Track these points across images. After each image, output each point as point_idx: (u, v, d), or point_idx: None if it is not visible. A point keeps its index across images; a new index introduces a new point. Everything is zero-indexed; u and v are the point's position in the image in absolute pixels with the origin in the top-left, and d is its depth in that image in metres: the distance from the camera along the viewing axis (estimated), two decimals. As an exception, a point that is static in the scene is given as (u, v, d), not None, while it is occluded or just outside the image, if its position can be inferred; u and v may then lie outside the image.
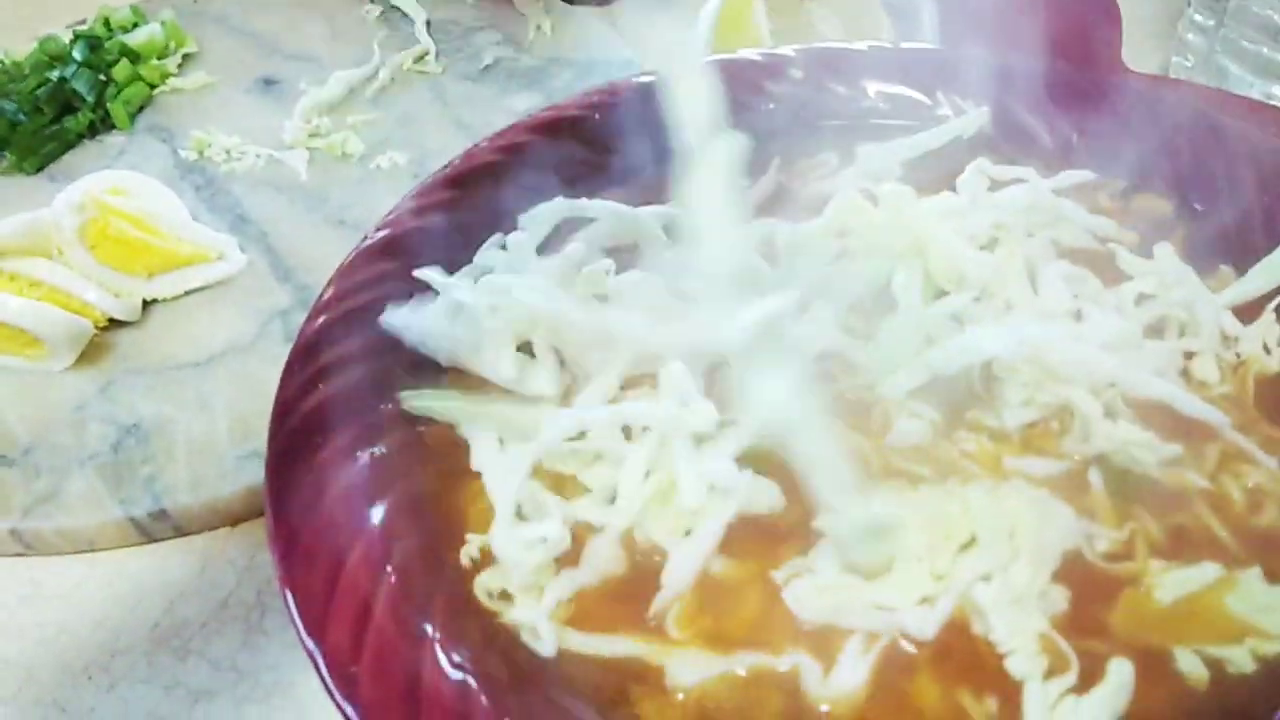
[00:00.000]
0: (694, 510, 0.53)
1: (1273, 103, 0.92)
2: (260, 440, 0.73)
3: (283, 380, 0.60)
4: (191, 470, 0.73)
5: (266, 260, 0.89)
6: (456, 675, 0.48)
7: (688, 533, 0.53)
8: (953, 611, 0.49)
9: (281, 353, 0.61)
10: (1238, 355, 0.60)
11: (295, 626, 0.50)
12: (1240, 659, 0.48)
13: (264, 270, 0.88)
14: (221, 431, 0.75)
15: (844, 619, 0.49)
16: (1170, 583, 0.50)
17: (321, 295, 0.65)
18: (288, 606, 0.50)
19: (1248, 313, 0.63)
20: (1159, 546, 0.52)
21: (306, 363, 0.61)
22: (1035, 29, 0.98)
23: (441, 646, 0.49)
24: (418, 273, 0.63)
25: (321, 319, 0.63)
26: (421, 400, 0.59)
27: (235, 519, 0.73)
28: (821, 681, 0.48)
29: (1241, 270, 0.65)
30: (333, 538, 0.52)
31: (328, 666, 0.48)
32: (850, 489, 0.51)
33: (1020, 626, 0.47)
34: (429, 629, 0.49)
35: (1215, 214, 0.69)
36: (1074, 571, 0.51)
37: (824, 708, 0.47)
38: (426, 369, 0.63)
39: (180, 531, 0.72)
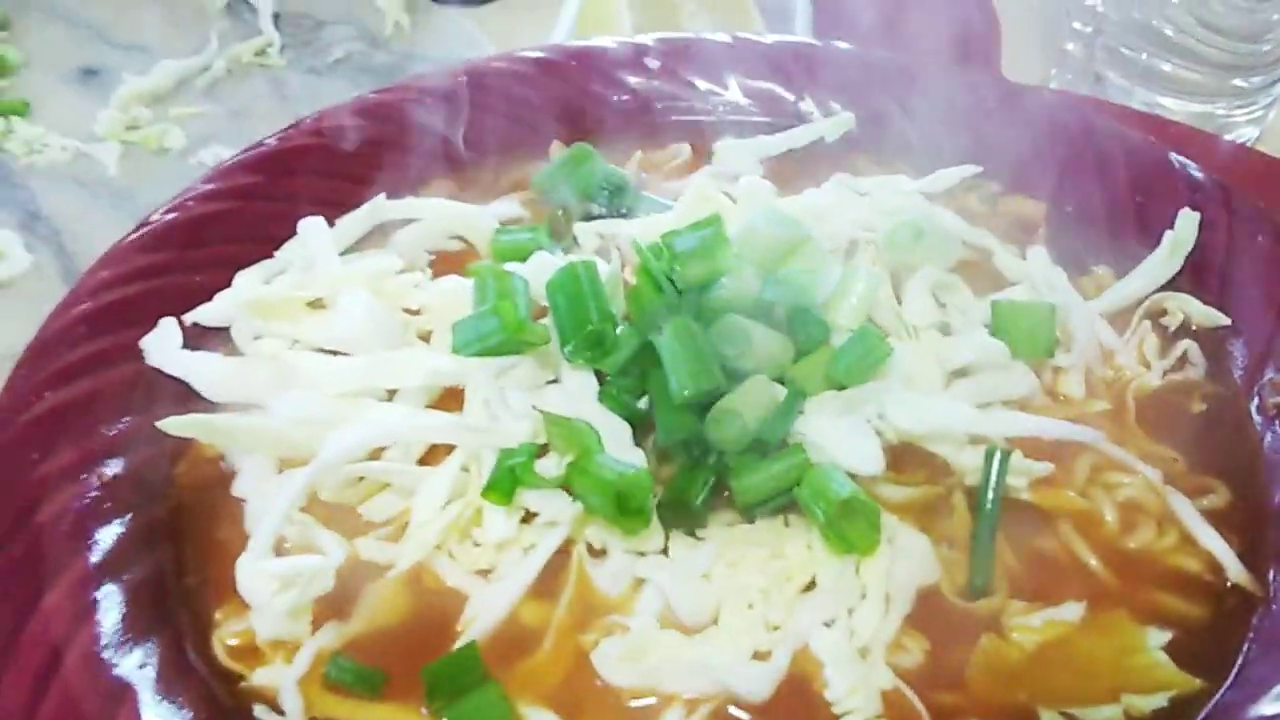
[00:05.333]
0: (500, 545, 0.44)
1: (1154, 111, 0.89)
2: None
3: (10, 380, 0.50)
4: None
5: (57, 262, 0.78)
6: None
7: (487, 573, 0.44)
8: (789, 666, 0.40)
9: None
10: (1115, 370, 0.55)
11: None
12: (1112, 720, 0.41)
13: (52, 273, 0.77)
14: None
15: (662, 683, 0.41)
16: (1032, 625, 0.43)
17: (80, 285, 0.54)
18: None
19: (1123, 320, 0.58)
20: (1018, 578, 0.46)
21: (41, 363, 0.50)
22: (911, 34, 0.94)
23: (147, 711, 0.39)
24: None
25: (75, 311, 0.53)
26: (184, 425, 0.48)
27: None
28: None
29: (1119, 272, 0.60)
30: (30, 569, 0.43)
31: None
32: None
33: (862, 682, 0.40)
34: (136, 688, 0.40)
35: (1087, 215, 0.64)
36: (931, 614, 0.44)
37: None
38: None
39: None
